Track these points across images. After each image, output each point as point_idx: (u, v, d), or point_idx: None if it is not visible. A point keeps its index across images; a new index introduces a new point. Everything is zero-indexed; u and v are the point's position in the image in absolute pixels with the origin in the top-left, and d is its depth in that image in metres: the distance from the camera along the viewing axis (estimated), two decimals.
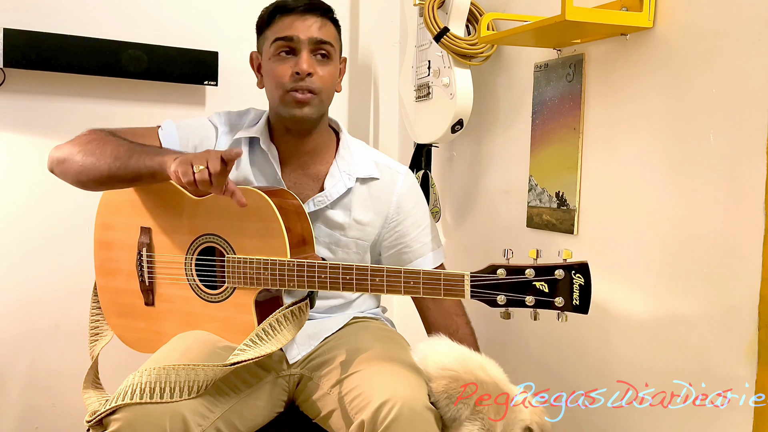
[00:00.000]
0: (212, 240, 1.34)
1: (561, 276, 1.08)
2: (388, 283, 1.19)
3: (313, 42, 1.35)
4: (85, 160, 1.31)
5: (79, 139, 1.36)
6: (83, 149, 1.33)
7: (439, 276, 1.16)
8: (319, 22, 1.37)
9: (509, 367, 1.28)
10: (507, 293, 1.11)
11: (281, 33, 1.35)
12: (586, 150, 1.46)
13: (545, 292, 1.09)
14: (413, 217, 1.48)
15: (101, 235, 1.49)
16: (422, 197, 1.54)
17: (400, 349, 1.37)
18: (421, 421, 1.15)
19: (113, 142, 1.32)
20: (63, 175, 1.37)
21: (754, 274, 1.12)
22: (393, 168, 1.49)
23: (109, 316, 1.50)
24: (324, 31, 1.37)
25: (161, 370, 1.17)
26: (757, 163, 1.11)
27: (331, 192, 1.41)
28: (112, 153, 1.30)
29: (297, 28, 1.35)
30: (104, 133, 1.36)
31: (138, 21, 1.90)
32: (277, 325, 1.25)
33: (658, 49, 1.29)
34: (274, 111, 1.42)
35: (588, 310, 1.08)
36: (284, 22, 1.36)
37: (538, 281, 1.09)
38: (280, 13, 1.37)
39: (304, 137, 1.41)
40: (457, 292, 1.14)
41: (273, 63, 1.36)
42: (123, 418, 1.13)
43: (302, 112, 1.35)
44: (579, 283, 1.08)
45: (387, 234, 1.48)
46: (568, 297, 1.08)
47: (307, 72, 1.33)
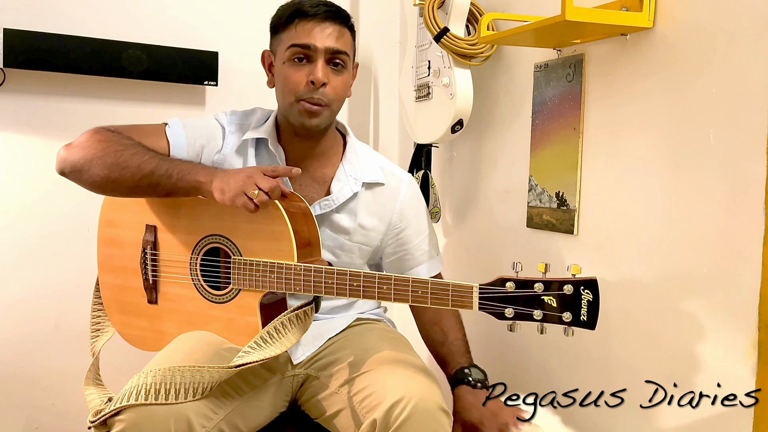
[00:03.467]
0: (218, 241, 1.34)
1: (570, 291, 1.08)
2: (396, 292, 1.19)
3: (329, 52, 1.33)
4: (106, 173, 1.28)
5: (90, 144, 1.31)
6: (102, 161, 1.29)
7: (447, 287, 1.15)
8: (338, 31, 1.35)
9: (509, 367, 1.28)
10: (515, 307, 1.11)
11: (299, 39, 1.33)
12: (586, 150, 1.46)
13: (553, 307, 1.09)
14: (415, 225, 1.48)
15: (105, 231, 1.49)
16: (424, 205, 1.54)
17: (408, 351, 1.37)
18: (433, 421, 1.16)
19: (131, 152, 1.29)
20: (78, 182, 1.34)
21: (754, 274, 1.12)
22: (397, 175, 1.48)
23: (111, 312, 1.50)
24: (341, 41, 1.35)
25: (166, 372, 1.17)
26: (757, 163, 1.11)
27: (338, 196, 1.40)
28: (138, 168, 1.27)
29: (315, 36, 1.32)
30: (117, 137, 1.32)
31: (138, 21, 1.90)
32: (282, 328, 1.25)
33: (658, 49, 1.29)
34: (283, 114, 1.40)
35: (595, 327, 1.08)
36: (303, 28, 1.33)
37: (547, 296, 1.10)
38: (299, 17, 1.34)
39: (311, 140, 1.41)
40: (465, 304, 1.14)
41: (287, 68, 1.35)
42: (128, 419, 1.13)
43: (311, 122, 1.35)
44: (587, 299, 1.08)
45: (390, 240, 1.48)
46: (576, 313, 1.08)
47: (322, 82, 1.32)
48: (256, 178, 1.22)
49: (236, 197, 1.21)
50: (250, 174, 1.23)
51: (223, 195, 1.22)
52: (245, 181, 1.21)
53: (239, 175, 1.23)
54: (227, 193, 1.22)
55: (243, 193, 1.20)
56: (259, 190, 1.20)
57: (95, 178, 1.30)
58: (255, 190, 1.20)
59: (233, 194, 1.21)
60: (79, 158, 1.31)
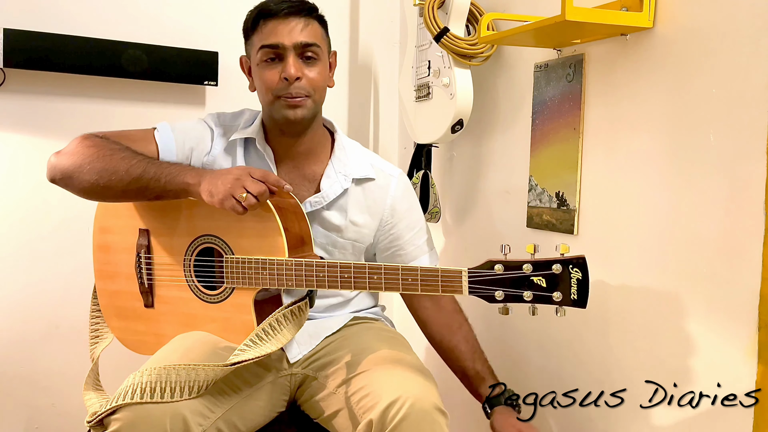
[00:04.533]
0: (210, 241, 1.34)
1: (558, 270, 1.09)
2: (387, 280, 1.19)
3: (298, 47, 1.34)
4: (95, 179, 1.29)
5: (80, 150, 1.32)
6: (91, 166, 1.29)
7: (436, 272, 1.16)
8: (302, 23, 1.35)
9: (509, 367, 1.28)
10: (505, 289, 1.12)
11: (266, 40, 1.35)
12: (586, 150, 1.46)
13: (543, 287, 1.10)
14: (407, 219, 1.48)
15: (100, 238, 1.49)
16: (416, 200, 1.54)
17: (405, 350, 1.38)
18: (430, 421, 1.16)
19: (119, 156, 1.30)
20: (68, 188, 1.34)
21: (754, 274, 1.12)
22: (386, 171, 1.49)
23: (109, 318, 1.50)
24: (308, 33, 1.36)
25: (162, 370, 1.17)
26: (757, 163, 1.11)
27: (328, 193, 1.41)
28: (126, 172, 1.28)
29: (281, 34, 1.34)
30: (106, 143, 1.33)
31: (138, 21, 1.90)
32: (277, 324, 1.25)
33: (658, 49, 1.29)
34: (267, 113, 1.42)
35: (586, 304, 1.08)
36: (268, 27, 1.35)
37: (536, 276, 1.10)
38: (264, 18, 1.36)
39: (298, 137, 1.41)
40: (455, 288, 1.15)
41: (261, 70, 1.37)
42: (123, 418, 1.13)
43: (295, 114, 1.35)
44: (577, 278, 1.08)
45: (382, 237, 1.48)
46: (566, 291, 1.08)
47: (295, 77, 1.33)
48: (245, 180, 1.22)
49: (225, 200, 1.21)
50: (238, 176, 1.23)
51: (212, 198, 1.23)
52: (233, 183, 1.22)
53: (227, 177, 1.23)
54: (216, 195, 1.22)
55: (231, 196, 1.21)
56: (247, 193, 1.20)
57: (85, 184, 1.30)
58: (243, 193, 1.20)
59: (221, 197, 1.21)
60: (68, 165, 1.32)
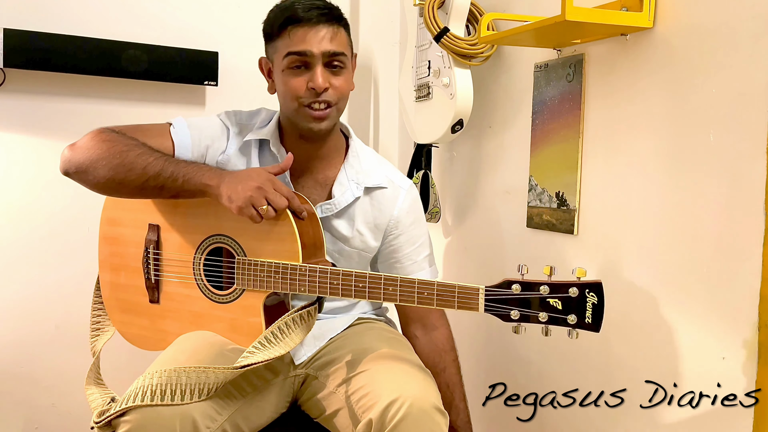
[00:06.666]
0: (222, 241, 1.33)
1: (575, 294, 1.09)
2: (402, 293, 1.18)
3: (327, 55, 1.31)
4: (111, 174, 1.27)
5: (95, 145, 1.30)
6: (106, 161, 1.28)
7: (453, 288, 1.15)
8: (332, 32, 1.32)
9: (509, 367, 1.28)
10: (521, 309, 1.12)
11: (294, 47, 1.30)
12: (586, 150, 1.46)
13: (559, 309, 1.10)
14: (409, 233, 1.46)
15: (107, 230, 1.48)
16: (422, 214, 1.52)
17: (406, 350, 1.37)
18: (429, 421, 1.16)
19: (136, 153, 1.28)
20: (82, 182, 1.33)
21: (754, 274, 1.12)
22: (396, 182, 1.46)
23: (112, 311, 1.50)
24: (337, 42, 1.32)
25: (172, 372, 1.17)
26: (757, 163, 1.11)
27: (339, 200, 1.39)
28: (143, 170, 1.27)
29: (310, 42, 1.30)
30: (122, 138, 1.31)
31: (138, 21, 1.90)
32: (286, 328, 1.25)
33: (658, 49, 1.29)
34: (287, 117, 1.38)
35: (600, 329, 1.08)
36: (297, 34, 1.30)
37: (552, 298, 1.10)
38: (292, 24, 1.30)
39: (316, 143, 1.39)
40: (471, 306, 1.14)
41: (287, 76, 1.32)
42: (133, 420, 1.13)
43: (320, 126, 1.33)
44: (593, 302, 1.08)
45: (383, 247, 1.46)
46: (581, 315, 1.09)
47: (323, 88, 1.30)
48: (267, 191, 1.21)
49: (244, 208, 1.21)
50: (260, 185, 1.22)
51: (230, 203, 1.22)
52: (255, 192, 1.21)
53: (248, 183, 1.22)
54: (235, 201, 1.22)
55: (251, 205, 1.21)
56: (268, 205, 1.21)
57: (100, 179, 1.29)
58: (264, 205, 1.21)
59: (241, 204, 1.21)
60: (83, 159, 1.30)
